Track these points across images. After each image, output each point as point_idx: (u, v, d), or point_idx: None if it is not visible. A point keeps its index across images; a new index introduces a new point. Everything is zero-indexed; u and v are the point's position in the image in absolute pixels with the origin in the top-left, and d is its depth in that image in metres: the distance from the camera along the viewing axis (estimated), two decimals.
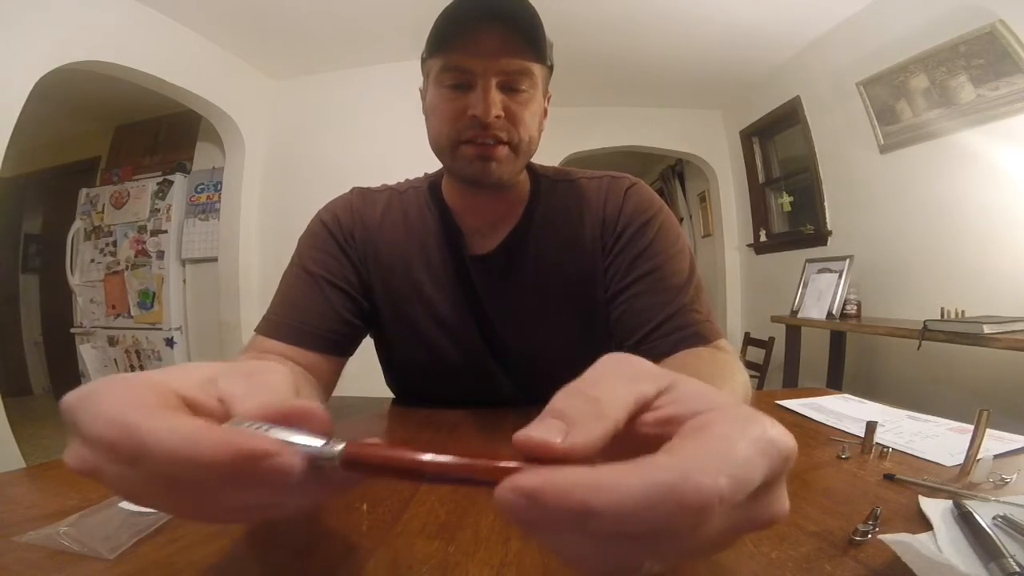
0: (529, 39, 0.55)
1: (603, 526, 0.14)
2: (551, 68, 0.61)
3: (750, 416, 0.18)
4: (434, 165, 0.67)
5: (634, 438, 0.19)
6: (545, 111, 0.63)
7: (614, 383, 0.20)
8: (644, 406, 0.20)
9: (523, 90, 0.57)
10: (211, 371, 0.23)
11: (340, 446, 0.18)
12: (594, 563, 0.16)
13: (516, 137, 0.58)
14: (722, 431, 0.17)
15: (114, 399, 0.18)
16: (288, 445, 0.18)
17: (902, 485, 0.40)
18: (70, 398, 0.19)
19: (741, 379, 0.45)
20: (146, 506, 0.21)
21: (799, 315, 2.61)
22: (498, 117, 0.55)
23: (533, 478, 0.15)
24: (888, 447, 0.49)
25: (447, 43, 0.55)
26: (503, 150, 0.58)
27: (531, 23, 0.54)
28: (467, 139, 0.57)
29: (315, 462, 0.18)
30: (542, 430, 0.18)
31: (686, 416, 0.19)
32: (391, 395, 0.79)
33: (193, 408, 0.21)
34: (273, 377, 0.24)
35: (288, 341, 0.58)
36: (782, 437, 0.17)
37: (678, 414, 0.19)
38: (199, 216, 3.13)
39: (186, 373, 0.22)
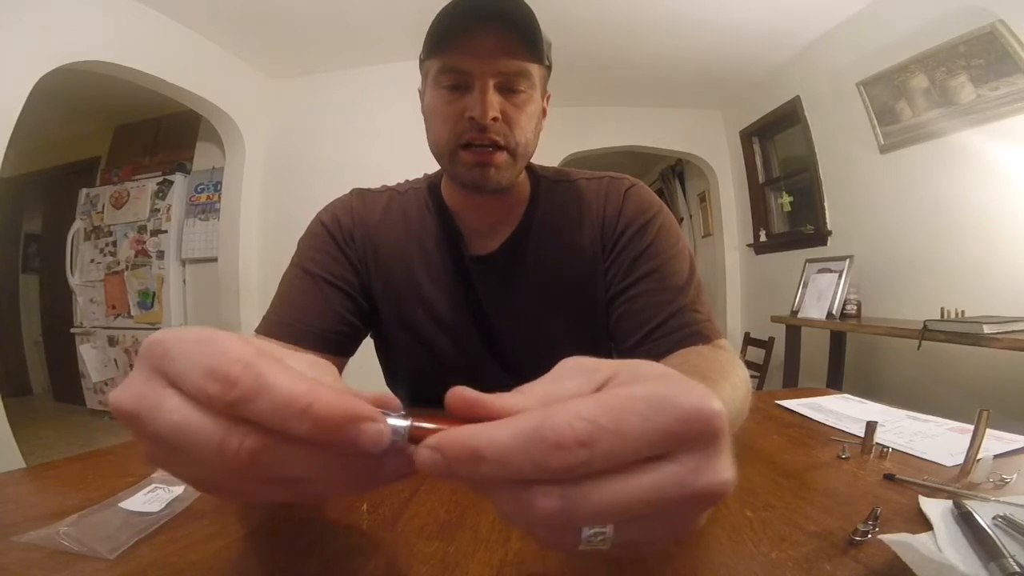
0: (526, 40, 0.55)
1: (491, 469, 0.17)
2: (549, 68, 0.61)
3: (657, 377, 0.19)
4: (434, 165, 0.67)
5: None
6: (544, 111, 0.63)
7: (565, 378, 0.22)
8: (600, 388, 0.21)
9: (521, 91, 0.57)
10: (278, 351, 0.22)
11: (408, 422, 0.20)
12: (537, 529, 0.18)
13: (513, 141, 0.58)
14: (613, 389, 0.19)
15: (237, 344, 0.19)
16: (385, 418, 0.19)
17: (902, 485, 0.40)
18: (163, 335, 0.20)
19: (741, 375, 0.45)
20: (171, 465, 0.20)
21: (799, 315, 2.61)
22: (495, 119, 0.55)
23: (444, 435, 0.18)
24: (888, 447, 0.49)
25: (444, 44, 0.55)
26: (501, 156, 0.58)
27: (528, 23, 0.54)
28: (465, 143, 0.57)
29: (394, 435, 0.19)
30: (504, 397, 0.20)
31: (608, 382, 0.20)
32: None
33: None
34: (328, 367, 0.24)
35: (288, 341, 0.58)
36: (684, 398, 0.18)
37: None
38: (199, 216, 3.13)
39: (266, 345, 0.22)
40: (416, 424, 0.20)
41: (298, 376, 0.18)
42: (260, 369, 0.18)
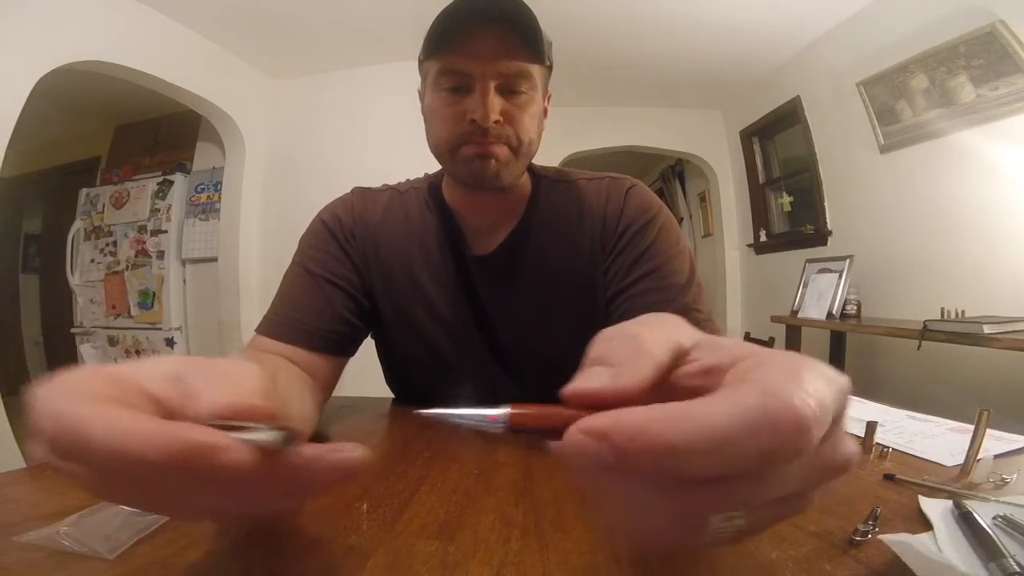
0: (527, 40, 0.54)
1: (690, 464, 0.13)
2: (550, 68, 0.61)
3: (797, 356, 0.17)
4: (434, 165, 0.67)
5: (673, 394, 0.17)
6: (545, 111, 0.63)
7: (651, 326, 0.20)
8: (681, 355, 0.19)
9: (522, 92, 0.57)
10: (180, 366, 0.22)
11: (280, 433, 0.18)
12: (657, 520, 0.15)
13: (516, 140, 0.58)
14: (782, 366, 0.16)
15: (64, 391, 0.18)
16: (236, 440, 0.17)
17: (902, 485, 0.40)
18: (36, 389, 0.18)
19: None
20: (112, 501, 0.20)
21: (799, 315, 2.61)
22: (497, 122, 0.55)
23: (601, 418, 0.14)
24: (888, 447, 0.49)
25: (444, 45, 0.54)
26: (504, 149, 0.58)
27: (528, 24, 0.53)
28: (466, 142, 0.57)
29: (267, 450, 0.18)
30: (587, 379, 0.17)
31: (727, 364, 0.17)
32: (391, 395, 0.79)
33: (158, 403, 0.20)
34: (239, 373, 0.23)
35: (288, 341, 0.58)
36: (831, 369, 0.17)
37: (719, 363, 0.18)
38: (199, 216, 3.13)
39: (154, 367, 0.21)
40: (517, 411, 0.18)
41: (118, 417, 0.16)
42: (73, 422, 0.16)
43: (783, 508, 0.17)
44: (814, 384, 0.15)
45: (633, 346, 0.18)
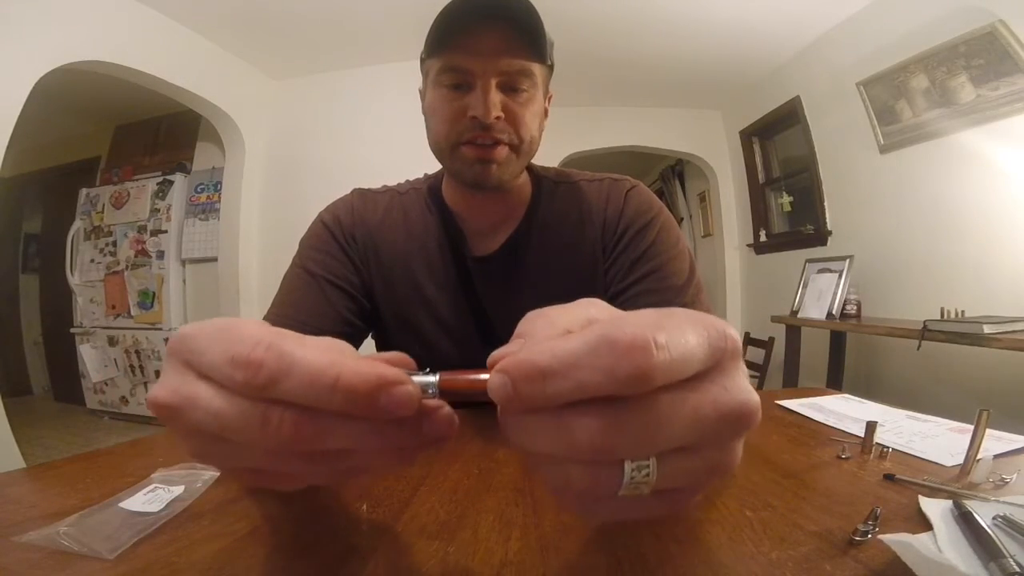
0: (529, 39, 0.54)
1: (559, 384, 0.16)
2: (552, 67, 0.61)
3: (675, 309, 0.19)
4: (434, 165, 0.67)
5: None
6: (546, 111, 0.63)
7: (570, 306, 0.22)
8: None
9: (523, 90, 0.57)
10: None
11: (436, 376, 0.20)
12: (574, 472, 0.17)
13: (516, 138, 0.58)
14: (643, 313, 0.18)
15: (256, 327, 0.19)
16: (413, 380, 0.19)
17: (902, 485, 0.40)
18: (188, 329, 0.20)
19: None
20: (216, 456, 0.20)
21: (799, 315, 2.61)
22: (498, 118, 0.55)
23: (508, 359, 0.17)
24: (888, 447, 0.49)
25: (446, 43, 0.54)
26: (503, 151, 0.57)
27: (531, 22, 0.53)
28: (467, 140, 0.57)
29: (423, 392, 0.20)
30: (504, 348, 0.20)
31: None
32: None
33: None
34: (348, 347, 0.25)
35: None
36: (720, 321, 0.18)
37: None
38: (199, 216, 3.13)
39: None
40: (445, 376, 0.20)
41: (322, 350, 0.18)
42: (283, 348, 0.18)
43: (694, 459, 0.18)
44: (667, 325, 0.17)
45: (545, 321, 0.21)
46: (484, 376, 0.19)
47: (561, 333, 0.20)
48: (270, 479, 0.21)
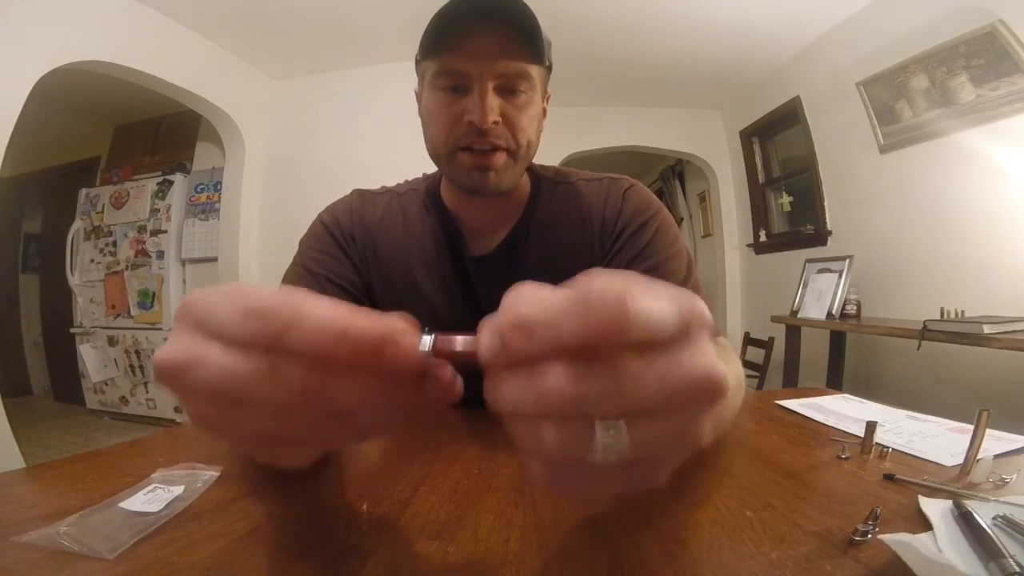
0: (526, 40, 0.54)
1: (542, 337, 0.17)
2: (550, 68, 0.61)
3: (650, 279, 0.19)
4: (433, 165, 0.67)
5: None
6: (544, 111, 0.63)
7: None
8: None
9: (521, 92, 0.56)
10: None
11: (432, 336, 0.21)
12: (547, 434, 0.18)
13: (514, 143, 0.57)
14: (620, 275, 0.19)
15: (267, 287, 0.20)
16: (419, 334, 0.20)
17: (902, 485, 0.40)
18: (197, 294, 0.20)
19: (735, 369, 0.45)
20: (222, 420, 0.20)
21: (799, 315, 2.61)
22: (496, 123, 0.55)
23: (494, 316, 0.18)
24: (888, 447, 0.49)
25: (441, 45, 0.54)
26: (501, 157, 0.57)
27: (528, 23, 0.53)
28: (464, 145, 0.56)
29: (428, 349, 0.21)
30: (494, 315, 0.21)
31: None
32: None
33: None
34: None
35: None
36: (692, 294, 0.19)
37: None
38: (199, 216, 3.13)
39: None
40: (440, 336, 0.21)
41: (332, 304, 0.19)
42: (295, 300, 0.19)
43: (663, 425, 0.18)
44: (642, 285, 0.17)
45: (532, 286, 0.22)
46: (476, 338, 0.20)
47: None
48: (277, 446, 0.22)
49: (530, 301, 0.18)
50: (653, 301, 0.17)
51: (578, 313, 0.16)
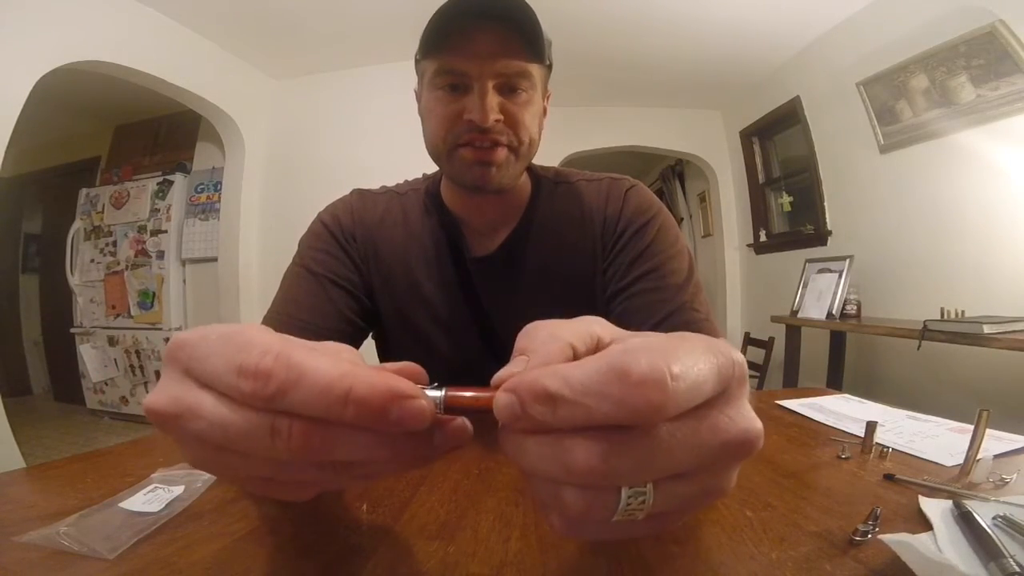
0: (526, 39, 0.54)
1: (567, 410, 0.16)
2: (550, 67, 0.61)
3: (688, 336, 0.19)
4: (433, 165, 0.67)
5: None
6: (545, 110, 0.63)
7: (571, 323, 0.22)
8: (599, 346, 0.21)
9: (522, 91, 0.56)
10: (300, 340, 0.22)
11: (442, 392, 0.20)
12: (570, 495, 0.17)
13: (515, 141, 0.57)
14: (655, 340, 0.18)
15: (262, 335, 0.18)
16: (426, 394, 0.19)
17: (902, 485, 0.40)
18: (187, 335, 0.19)
19: None
20: (218, 466, 0.20)
21: (799, 315, 2.61)
22: (497, 121, 0.55)
23: (517, 378, 0.18)
24: (888, 447, 0.49)
25: (441, 45, 0.53)
26: (502, 153, 0.57)
27: (528, 23, 0.53)
28: (464, 143, 0.56)
29: (436, 406, 0.20)
30: (509, 367, 0.21)
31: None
32: None
33: None
34: (351, 352, 0.24)
35: None
36: (728, 347, 0.18)
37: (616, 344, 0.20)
38: (199, 216, 3.13)
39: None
40: (452, 393, 0.20)
41: (332, 361, 0.18)
42: (292, 359, 0.17)
43: (690, 485, 0.18)
44: (680, 354, 0.17)
45: (547, 334, 0.21)
46: (490, 394, 0.19)
47: (564, 348, 0.20)
48: (276, 488, 0.21)
49: (555, 374, 0.17)
50: (692, 368, 0.16)
51: (612, 394, 0.16)
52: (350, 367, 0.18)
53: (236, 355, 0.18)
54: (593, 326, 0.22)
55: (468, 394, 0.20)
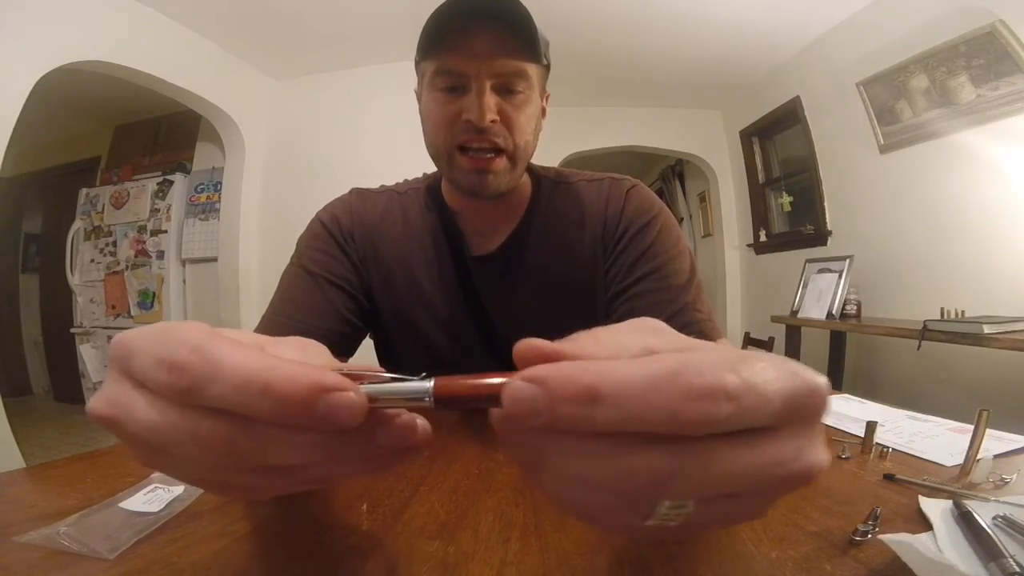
0: (523, 39, 0.54)
1: (609, 413, 0.14)
2: (548, 67, 0.61)
3: (756, 352, 0.17)
4: (434, 165, 0.67)
5: None
6: (543, 111, 0.63)
7: (623, 328, 0.20)
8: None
9: (519, 92, 0.57)
10: (259, 339, 0.21)
11: (431, 382, 0.17)
12: (605, 499, 0.16)
13: (512, 143, 0.57)
14: (722, 350, 0.17)
15: (191, 330, 0.18)
16: (358, 386, 0.17)
17: (902, 485, 0.40)
18: (127, 334, 0.19)
19: None
20: (164, 467, 0.19)
21: (799, 315, 2.61)
22: (493, 121, 0.55)
23: (544, 367, 0.15)
24: (888, 447, 0.49)
25: (439, 45, 0.54)
26: (500, 162, 0.57)
27: (524, 23, 0.53)
28: (462, 143, 0.56)
29: (412, 398, 0.18)
30: (533, 343, 0.18)
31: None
32: None
33: None
34: (318, 347, 0.23)
35: None
36: (809, 372, 0.16)
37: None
38: (199, 216, 3.13)
39: (238, 334, 0.20)
40: (442, 382, 0.17)
41: (253, 354, 0.17)
42: (209, 352, 0.16)
43: (735, 505, 0.17)
44: (747, 366, 0.15)
45: (592, 339, 0.19)
46: (494, 380, 0.17)
47: (606, 350, 0.18)
48: (224, 490, 0.20)
49: (594, 370, 0.15)
50: (760, 386, 0.15)
51: (661, 400, 0.14)
52: (274, 361, 0.16)
53: (159, 348, 0.17)
54: (649, 337, 0.19)
55: (464, 382, 0.17)
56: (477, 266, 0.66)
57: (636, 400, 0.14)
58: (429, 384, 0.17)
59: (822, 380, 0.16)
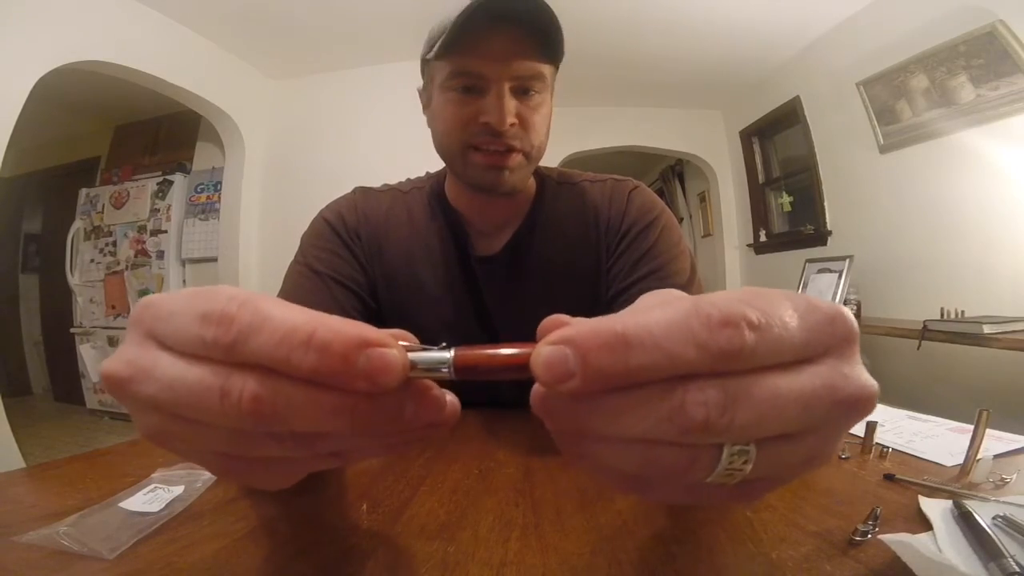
0: (544, 40, 0.53)
1: (644, 357, 0.14)
2: (558, 66, 0.61)
3: (777, 291, 0.17)
4: (435, 163, 0.66)
5: None
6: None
7: (639, 303, 0.21)
8: None
9: (535, 93, 0.56)
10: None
11: (451, 352, 0.17)
12: (663, 455, 0.16)
13: (529, 144, 0.57)
14: (742, 289, 0.17)
15: (233, 289, 0.18)
16: (400, 346, 0.17)
17: (902, 485, 0.40)
18: (154, 297, 0.19)
19: None
20: (173, 437, 0.18)
21: None
22: (512, 125, 0.54)
23: (567, 328, 0.15)
24: (888, 447, 0.49)
25: (456, 46, 0.53)
26: (516, 158, 0.57)
27: (545, 22, 0.52)
28: (477, 144, 0.56)
29: (431, 367, 0.17)
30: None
31: None
32: None
33: None
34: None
35: None
36: (829, 303, 0.17)
37: None
38: (199, 216, 3.13)
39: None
40: (462, 352, 0.17)
41: (298, 309, 0.17)
42: (258, 304, 0.17)
43: (798, 447, 0.16)
44: (762, 298, 0.16)
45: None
46: (515, 350, 0.16)
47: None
48: (239, 467, 0.19)
49: (622, 319, 0.15)
50: (773, 314, 0.15)
51: (691, 335, 0.14)
52: (321, 316, 0.16)
53: (202, 305, 0.17)
54: (668, 296, 0.20)
55: (486, 352, 0.17)
56: (481, 266, 0.66)
57: (663, 338, 0.14)
58: (449, 354, 0.17)
59: (841, 308, 0.17)
